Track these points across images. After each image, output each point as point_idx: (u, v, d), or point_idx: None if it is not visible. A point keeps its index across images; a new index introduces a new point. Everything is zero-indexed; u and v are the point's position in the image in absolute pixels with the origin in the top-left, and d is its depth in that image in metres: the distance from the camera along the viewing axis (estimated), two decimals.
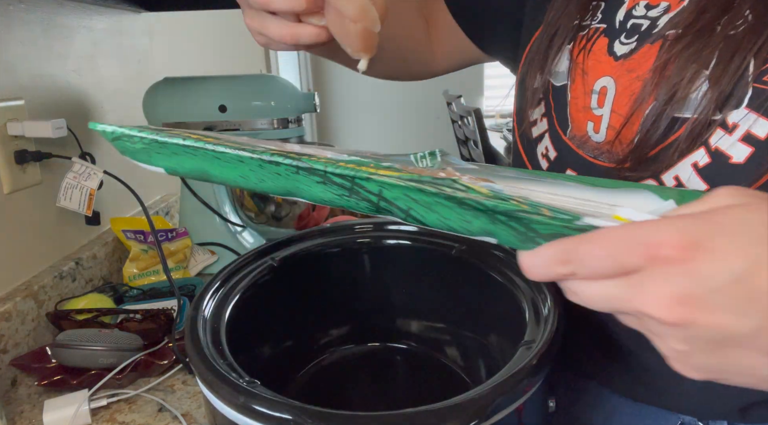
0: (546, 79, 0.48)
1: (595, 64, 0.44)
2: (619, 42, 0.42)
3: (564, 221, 0.25)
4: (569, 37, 0.46)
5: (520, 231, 0.26)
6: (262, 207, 0.93)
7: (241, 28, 0.46)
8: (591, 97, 0.44)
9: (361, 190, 0.29)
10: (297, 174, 0.30)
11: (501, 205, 0.26)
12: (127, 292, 0.81)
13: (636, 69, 0.41)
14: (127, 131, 0.35)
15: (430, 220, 0.29)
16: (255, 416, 0.32)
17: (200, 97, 0.88)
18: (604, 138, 0.43)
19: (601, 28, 0.44)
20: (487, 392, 0.32)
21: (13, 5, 0.73)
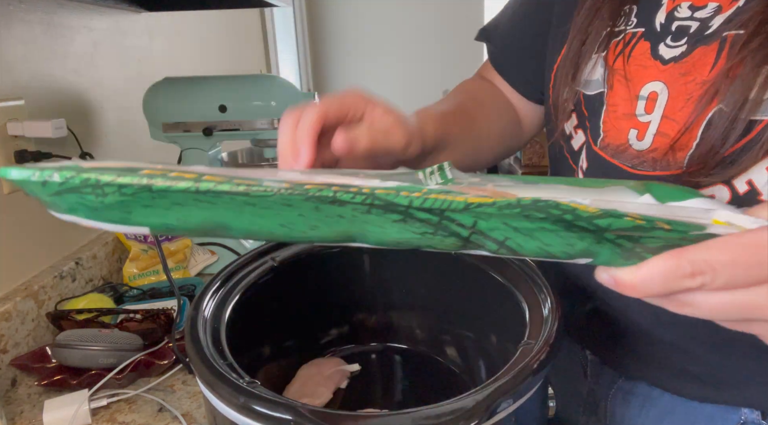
0: (576, 90, 0.46)
1: (639, 69, 0.42)
2: (665, 45, 0.41)
3: (681, 233, 0.23)
4: (602, 44, 0.44)
5: (627, 247, 0.24)
6: None
7: (241, 28, 0.46)
8: (637, 103, 0.42)
9: (450, 224, 0.24)
10: (368, 214, 0.24)
11: (615, 222, 0.23)
12: (127, 292, 0.81)
13: (691, 72, 0.39)
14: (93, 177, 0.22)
15: (528, 249, 0.25)
16: (255, 416, 0.32)
17: (200, 97, 0.88)
18: (648, 145, 0.41)
19: (639, 32, 0.43)
20: (487, 392, 0.32)
21: (13, 5, 0.73)
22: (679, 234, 0.23)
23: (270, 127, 0.88)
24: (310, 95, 0.89)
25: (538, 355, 0.36)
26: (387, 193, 0.23)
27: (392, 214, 0.24)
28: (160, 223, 0.25)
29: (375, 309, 0.59)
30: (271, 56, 2.23)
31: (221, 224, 0.25)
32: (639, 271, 0.23)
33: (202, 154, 0.92)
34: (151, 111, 0.89)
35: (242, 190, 0.23)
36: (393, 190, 0.24)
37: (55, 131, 0.70)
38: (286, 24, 2.82)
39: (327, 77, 3.33)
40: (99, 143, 0.92)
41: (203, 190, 0.23)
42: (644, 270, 0.23)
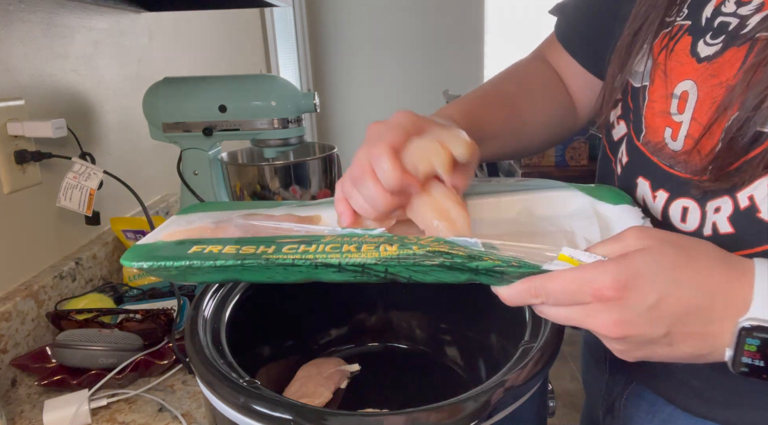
0: (625, 79, 0.45)
1: (676, 66, 0.41)
2: (704, 42, 0.39)
3: (528, 271, 0.34)
4: (653, 33, 0.43)
5: (497, 277, 0.35)
6: None
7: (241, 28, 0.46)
8: (671, 101, 0.41)
9: (370, 271, 0.36)
10: (316, 269, 0.36)
11: (481, 264, 0.34)
12: (127, 292, 0.81)
13: (719, 74, 0.38)
14: (163, 264, 0.37)
15: (429, 280, 0.36)
16: (255, 416, 0.32)
17: (200, 97, 0.88)
18: (681, 146, 0.40)
19: (685, 25, 0.41)
20: (487, 392, 0.32)
21: (13, 5, 0.73)
22: (528, 269, 0.34)
23: (270, 127, 0.88)
24: (310, 95, 0.89)
25: (538, 355, 0.36)
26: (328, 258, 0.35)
27: (331, 268, 0.36)
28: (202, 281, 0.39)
29: (375, 309, 0.59)
30: (271, 56, 2.23)
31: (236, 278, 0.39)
32: (508, 290, 0.35)
33: (202, 154, 0.92)
34: (151, 111, 0.89)
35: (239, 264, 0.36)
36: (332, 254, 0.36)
37: (55, 131, 0.70)
38: (286, 24, 2.82)
39: (327, 77, 3.33)
40: (99, 143, 0.92)
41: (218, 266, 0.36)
42: (510, 289, 0.35)
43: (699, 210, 0.40)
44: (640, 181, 0.44)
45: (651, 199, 0.43)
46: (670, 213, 0.42)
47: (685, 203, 0.41)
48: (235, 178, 0.92)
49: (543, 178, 0.50)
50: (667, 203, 0.42)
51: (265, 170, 0.90)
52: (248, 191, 0.92)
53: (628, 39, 0.45)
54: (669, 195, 0.42)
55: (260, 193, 0.91)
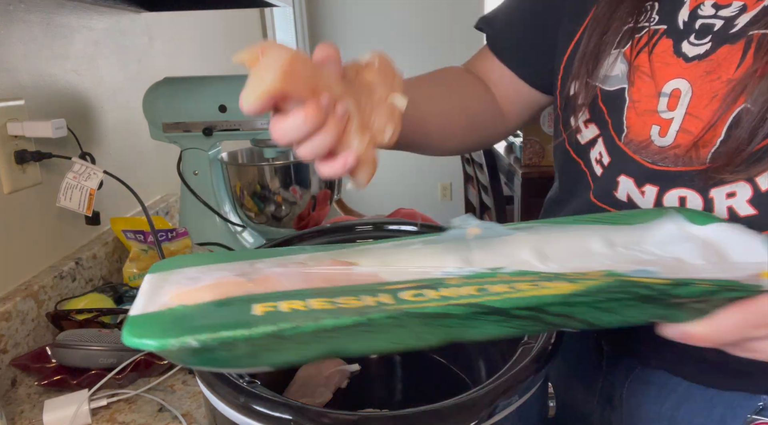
0: (592, 84, 0.46)
1: (661, 66, 0.42)
2: (689, 43, 0.41)
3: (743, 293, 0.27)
4: (622, 39, 0.44)
5: (695, 308, 0.27)
6: (262, 207, 0.93)
7: (241, 28, 0.46)
8: (659, 100, 0.42)
9: (546, 315, 0.27)
10: (473, 320, 0.27)
11: (686, 290, 0.26)
12: (127, 292, 0.81)
13: (716, 70, 0.39)
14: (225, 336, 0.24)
15: (607, 321, 0.29)
16: (255, 416, 0.32)
17: (200, 97, 0.88)
18: (671, 142, 0.42)
19: (661, 29, 0.43)
20: (487, 392, 0.32)
21: (13, 5, 0.73)
22: (744, 293, 0.26)
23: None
24: None
25: (538, 355, 0.36)
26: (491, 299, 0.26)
27: (494, 316, 0.27)
28: (282, 361, 0.28)
29: None
30: None
31: (338, 351, 0.28)
32: (710, 325, 0.27)
33: (202, 153, 0.92)
34: (151, 111, 0.89)
35: (364, 321, 0.25)
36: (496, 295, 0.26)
37: (55, 131, 0.70)
38: (286, 24, 2.82)
39: None
40: (99, 143, 0.92)
41: (329, 328, 0.25)
42: (715, 324, 0.27)
43: (700, 197, 0.42)
44: (623, 178, 0.46)
45: (639, 194, 0.45)
46: (665, 203, 0.44)
47: (681, 193, 0.43)
48: (235, 178, 0.92)
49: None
50: (659, 195, 0.44)
51: (265, 170, 0.90)
52: (248, 191, 0.92)
53: (594, 45, 0.46)
54: (659, 188, 0.44)
55: (260, 193, 0.91)
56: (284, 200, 0.92)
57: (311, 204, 0.94)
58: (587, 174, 0.50)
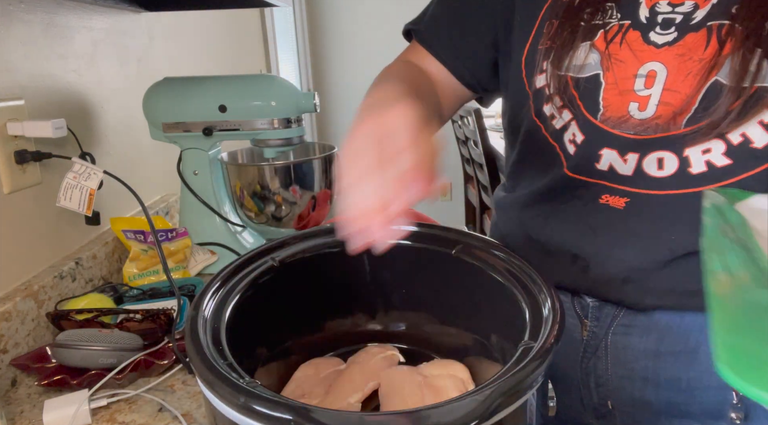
0: (561, 75, 0.53)
1: (635, 53, 0.50)
2: (655, 33, 0.49)
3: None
4: (590, 34, 0.52)
5: None
6: (262, 207, 0.93)
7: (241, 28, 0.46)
8: (635, 80, 0.50)
9: None
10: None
11: None
12: (127, 292, 0.81)
13: (686, 53, 0.48)
14: None
15: None
16: (255, 416, 0.32)
17: (200, 97, 0.88)
18: (652, 114, 0.49)
19: (626, 23, 0.51)
20: (487, 392, 0.32)
21: (13, 5, 0.73)
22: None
23: (270, 127, 0.88)
24: (310, 95, 0.89)
25: (538, 355, 0.36)
26: None
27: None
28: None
29: (375, 309, 0.59)
30: (271, 56, 2.23)
31: None
32: None
33: (202, 153, 0.92)
34: (151, 111, 0.89)
35: None
36: None
37: (55, 131, 0.70)
38: (286, 24, 2.82)
39: (327, 77, 3.33)
40: (99, 143, 0.92)
41: None
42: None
43: (675, 157, 0.50)
44: (606, 151, 0.53)
45: (621, 162, 0.52)
46: (644, 166, 0.51)
47: (659, 155, 0.50)
48: (235, 178, 0.92)
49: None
50: (640, 160, 0.51)
51: (265, 170, 0.90)
52: (248, 191, 0.92)
53: (561, 44, 0.53)
54: (639, 154, 0.51)
55: (260, 193, 0.91)
56: (284, 200, 0.92)
57: (311, 204, 0.94)
58: (560, 155, 0.56)
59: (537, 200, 0.60)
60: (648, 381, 0.57)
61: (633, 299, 0.56)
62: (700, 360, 0.54)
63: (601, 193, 0.54)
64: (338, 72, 3.31)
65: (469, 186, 2.92)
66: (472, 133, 2.19)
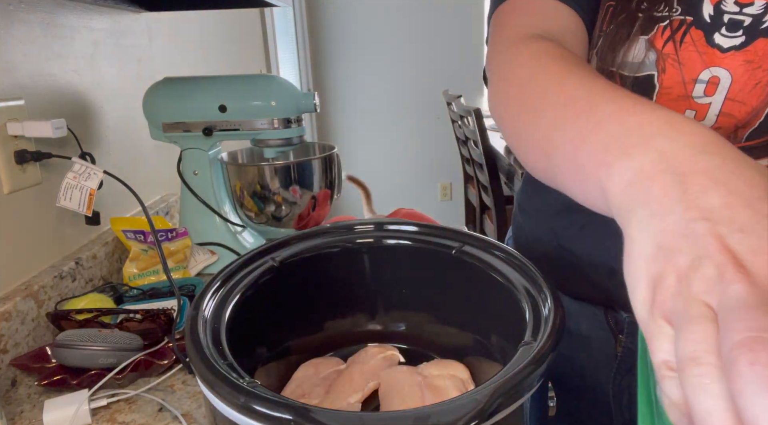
0: (611, 71, 0.47)
1: (695, 55, 0.45)
2: (720, 35, 0.44)
3: None
4: (647, 27, 0.46)
5: None
6: (262, 207, 0.93)
7: (241, 28, 0.46)
8: (694, 86, 0.45)
9: None
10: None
11: None
12: (127, 292, 0.81)
13: (755, 60, 0.43)
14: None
15: None
16: (255, 416, 0.32)
17: (200, 97, 0.88)
18: (712, 124, 0.45)
19: (688, 20, 0.45)
20: (487, 392, 0.32)
21: (13, 5, 0.73)
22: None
23: (270, 127, 0.88)
24: (310, 95, 0.89)
25: (538, 355, 0.36)
26: None
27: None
28: None
29: (375, 309, 0.59)
30: (271, 56, 2.23)
31: None
32: None
33: (202, 153, 0.92)
34: (151, 111, 0.89)
35: None
36: None
37: (55, 131, 0.70)
38: (286, 24, 2.82)
39: (327, 77, 3.33)
40: (99, 143, 0.92)
41: None
42: None
43: None
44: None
45: None
46: None
47: None
48: (235, 178, 0.92)
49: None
50: None
51: (265, 170, 0.90)
52: (248, 191, 0.92)
53: (612, 36, 0.47)
54: None
55: (260, 193, 0.91)
56: (284, 200, 0.92)
57: (311, 204, 0.94)
58: None
59: (571, 208, 0.55)
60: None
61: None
62: None
63: None
64: (338, 72, 3.31)
65: (469, 186, 2.92)
66: (472, 133, 2.19)
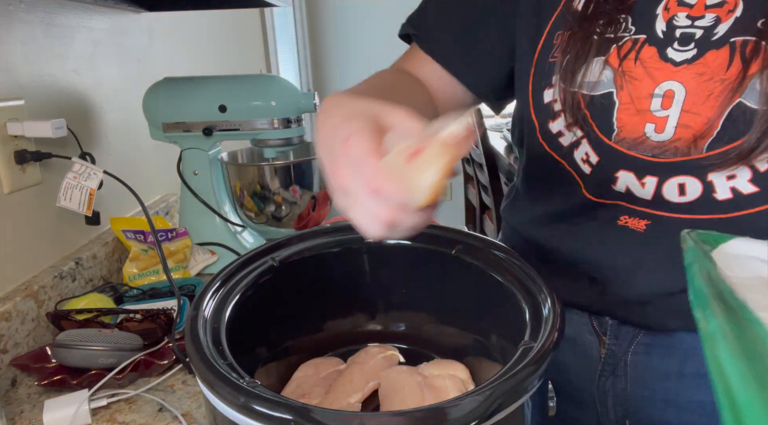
0: (573, 92, 0.49)
1: (651, 71, 0.46)
2: (673, 49, 0.45)
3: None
4: (603, 49, 0.48)
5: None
6: (262, 207, 0.93)
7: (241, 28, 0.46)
8: (651, 100, 0.46)
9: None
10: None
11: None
12: (127, 292, 0.81)
13: (707, 72, 0.44)
14: None
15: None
16: (255, 416, 0.32)
17: (200, 97, 0.88)
18: (670, 136, 0.46)
19: (641, 38, 0.47)
20: (487, 392, 0.32)
21: (13, 5, 0.73)
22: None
23: (270, 127, 0.88)
24: (310, 95, 0.89)
25: (538, 355, 0.36)
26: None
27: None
28: None
29: (374, 309, 0.59)
30: (271, 56, 2.23)
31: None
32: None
33: (202, 153, 0.92)
34: (151, 111, 0.89)
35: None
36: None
37: (55, 131, 0.70)
38: (286, 24, 2.82)
39: (327, 77, 3.33)
40: (99, 143, 0.92)
41: None
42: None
43: (699, 182, 0.46)
44: (622, 173, 0.49)
45: (639, 185, 0.49)
46: (664, 192, 0.48)
47: (680, 180, 0.47)
48: (235, 178, 0.92)
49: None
50: (659, 185, 0.48)
51: (265, 170, 0.90)
52: (248, 191, 0.92)
53: (572, 58, 0.49)
54: (658, 178, 0.48)
55: (260, 193, 0.91)
56: (284, 200, 0.92)
57: (311, 204, 0.94)
58: (573, 173, 0.53)
59: (551, 219, 0.58)
60: (669, 403, 0.54)
61: (654, 321, 0.54)
62: None
63: (620, 214, 0.51)
64: (338, 72, 3.31)
65: (469, 186, 2.92)
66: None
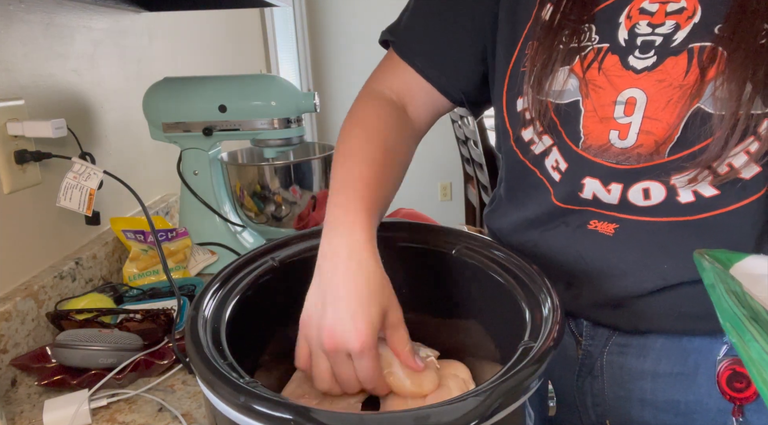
0: (542, 100, 0.50)
1: (613, 79, 0.47)
2: (634, 57, 0.46)
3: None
4: (568, 58, 0.49)
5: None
6: (262, 207, 0.93)
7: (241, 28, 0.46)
8: (615, 107, 0.47)
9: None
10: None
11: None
12: (127, 292, 0.81)
13: (666, 78, 0.45)
14: None
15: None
16: (255, 416, 0.32)
17: (200, 97, 0.88)
18: (633, 143, 0.47)
19: (604, 47, 0.48)
20: (487, 392, 0.32)
21: (13, 5, 0.73)
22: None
23: (270, 127, 0.88)
24: (310, 95, 0.89)
25: (538, 355, 0.36)
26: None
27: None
28: None
29: None
30: (271, 56, 2.23)
31: None
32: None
33: (202, 153, 0.92)
34: (151, 111, 0.89)
35: None
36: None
37: (55, 131, 0.70)
38: (286, 24, 2.82)
39: (327, 77, 3.33)
40: (99, 143, 0.92)
41: None
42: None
43: (662, 186, 0.47)
44: (588, 180, 0.50)
45: (605, 192, 0.50)
46: (630, 197, 0.49)
47: (644, 185, 0.48)
48: (235, 178, 0.92)
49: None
50: (624, 190, 0.49)
51: (265, 170, 0.90)
52: (248, 191, 0.92)
53: (541, 66, 0.50)
54: (623, 184, 0.49)
55: (260, 193, 0.91)
56: (284, 200, 0.92)
57: (311, 204, 0.94)
58: (544, 180, 0.54)
59: (525, 226, 0.58)
60: (645, 403, 0.55)
61: (626, 324, 0.55)
62: (699, 382, 0.52)
63: (589, 219, 0.52)
64: (338, 72, 3.31)
65: (469, 186, 2.92)
66: (472, 133, 2.20)
